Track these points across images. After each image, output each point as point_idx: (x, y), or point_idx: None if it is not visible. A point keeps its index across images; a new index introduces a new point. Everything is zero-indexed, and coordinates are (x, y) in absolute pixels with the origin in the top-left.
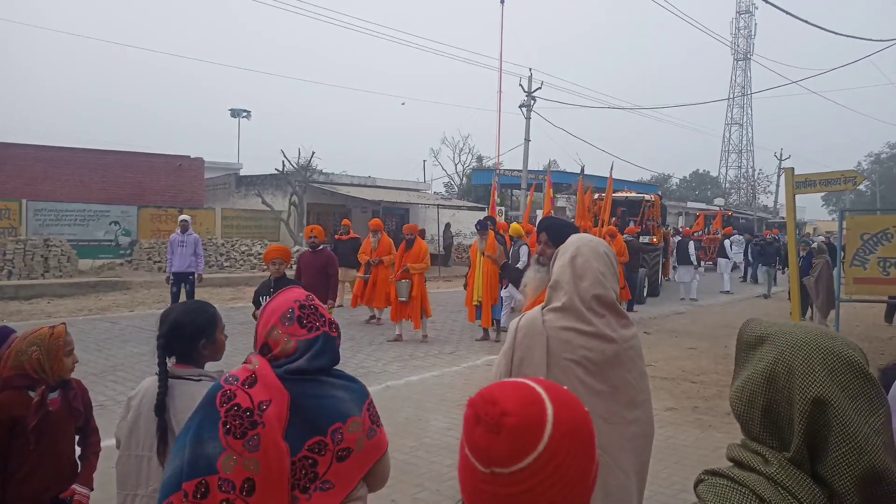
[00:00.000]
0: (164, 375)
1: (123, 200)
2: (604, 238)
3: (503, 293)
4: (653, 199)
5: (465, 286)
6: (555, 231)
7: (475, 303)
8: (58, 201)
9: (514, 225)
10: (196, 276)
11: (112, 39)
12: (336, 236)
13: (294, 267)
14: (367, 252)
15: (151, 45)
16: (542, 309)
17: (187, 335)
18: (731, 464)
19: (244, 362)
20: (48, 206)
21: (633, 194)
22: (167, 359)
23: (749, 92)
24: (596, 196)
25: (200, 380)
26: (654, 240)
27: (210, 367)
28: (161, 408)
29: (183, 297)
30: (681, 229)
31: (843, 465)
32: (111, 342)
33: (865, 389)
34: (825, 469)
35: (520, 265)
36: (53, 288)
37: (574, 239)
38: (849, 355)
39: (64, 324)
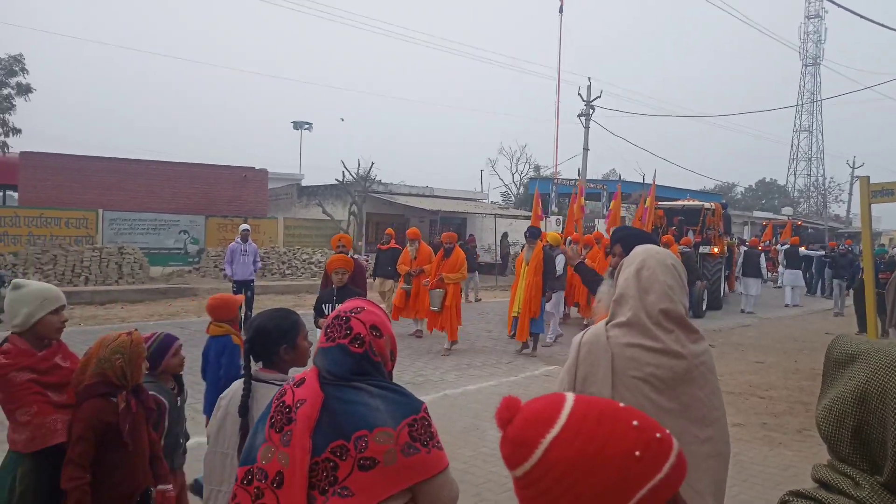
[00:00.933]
0: (248, 378)
1: (191, 210)
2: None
3: (547, 306)
4: (713, 206)
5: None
6: (630, 242)
7: (514, 314)
8: (130, 211)
9: (550, 233)
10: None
11: (182, 56)
12: (379, 245)
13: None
14: (407, 262)
15: (219, 60)
16: (607, 324)
17: (270, 341)
18: (817, 485)
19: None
20: (122, 215)
21: (692, 202)
22: (253, 363)
23: (819, 98)
24: (652, 204)
25: (281, 384)
26: (715, 250)
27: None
28: (244, 409)
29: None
30: (747, 240)
31: None
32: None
33: None
34: None
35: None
36: (127, 294)
37: (640, 250)
38: None
39: (136, 329)
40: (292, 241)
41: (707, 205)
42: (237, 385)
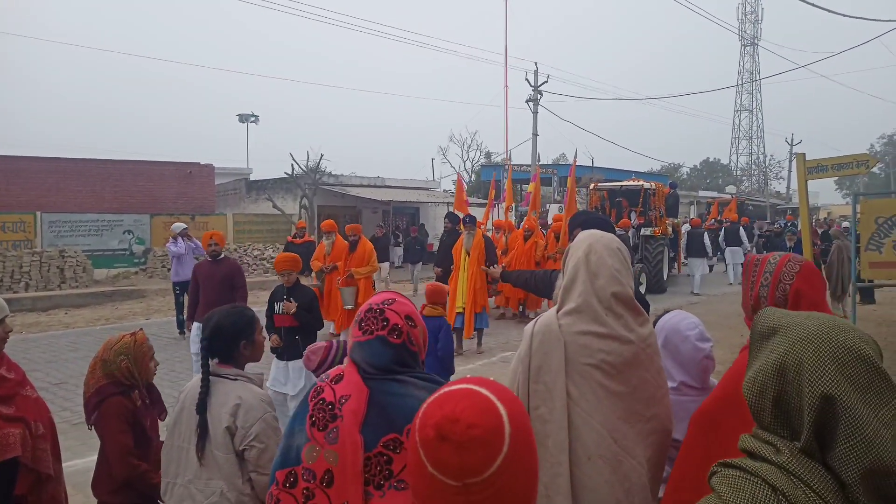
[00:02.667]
0: (206, 375)
1: (136, 209)
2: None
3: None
4: (653, 186)
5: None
6: (590, 228)
7: (459, 310)
8: (71, 212)
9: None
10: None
11: (117, 49)
12: (290, 238)
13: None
14: (321, 258)
15: (156, 53)
16: (557, 312)
17: (228, 337)
18: (745, 455)
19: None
20: (62, 217)
21: (633, 182)
22: (210, 360)
23: (758, 78)
24: (592, 186)
25: (237, 379)
26: (657, 231)
27: (251, 367)
28: (202, 406)
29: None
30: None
31: (851, 457)
32: None
33: (875, 382)
34: (834, 460)
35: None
36: (70, 298)
37: (585, 235)
38: (860, 349)
39: (142, 329)
40: (242, 238)
41: (647, 185)
42: (195, 380)
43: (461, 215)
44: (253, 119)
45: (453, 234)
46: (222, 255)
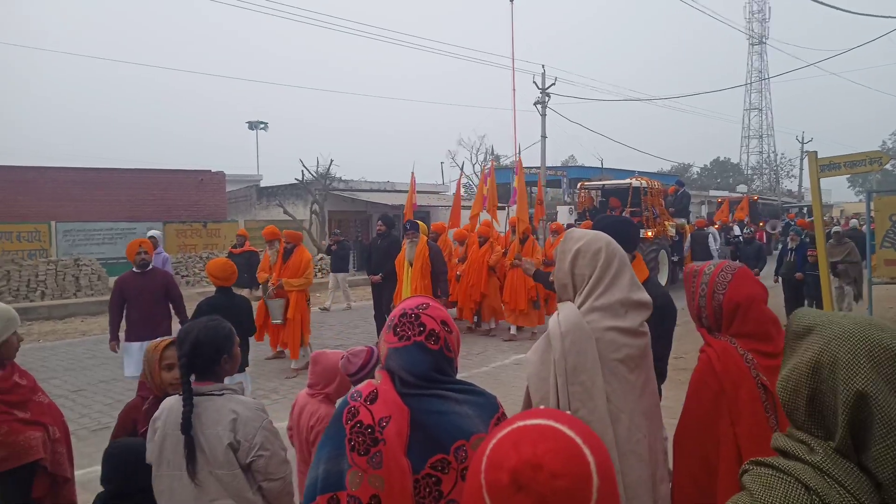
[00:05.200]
0: (188, 394)
1: (149, 217)
2: (527, 240)
3: None
4: (643, 184)
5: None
6: (607, 227)
7: None
8: (85, 221)
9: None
10: None
11: (127, 60)
12: (231, 249)
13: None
14: (266, 269)
15: (166, 63)
16: (580, 308)
17: (211, 352)
18: (777, 454)
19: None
20: (76, 226)
21: (615, 181)
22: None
23: (766, 76)
24: (579, 185)
25: (223, 394)
26: (649, 234)
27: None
28: (187, 426)
29: None
30: (707, 219)
31: (888, 457)
32: None
33: None
34: (869, 460)
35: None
36: (86, 306)
37: (600, 235)
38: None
39: (165, 339)
40: (254, 244)
41: (636, 182)
42: (169, 402)
43: (393, 218)
44: (262, 126)
45: (388, 237)
46: (150, 266)
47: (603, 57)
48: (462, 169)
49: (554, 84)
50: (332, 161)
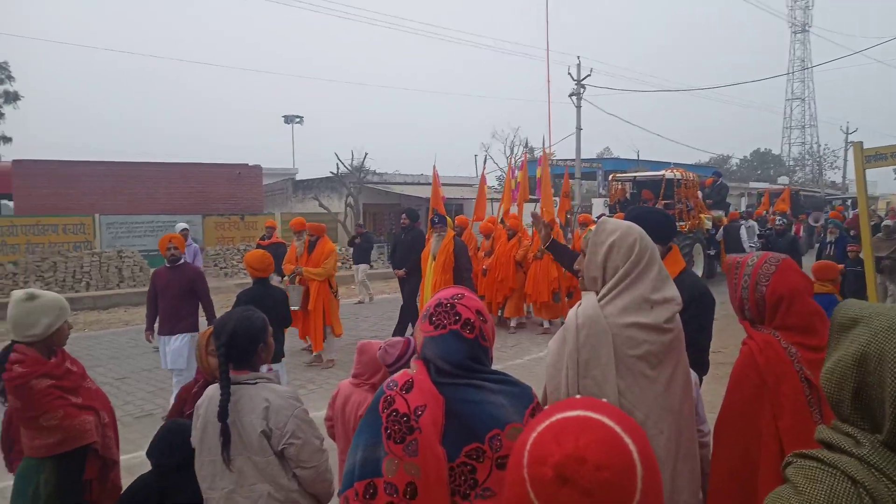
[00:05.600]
0: (226, 383)
1: (188, 210)
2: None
3: None
4: (679, 176)
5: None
6: (642, 219)
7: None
8: (127, 214)
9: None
10: None
11: (167, 56)
12: (259, 241)
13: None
14: (292, 260)
15: (205, 59)
16: (601, 301)
17: (246, 342)
18: (821, 446)
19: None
20: (119, 219)
21: (647, 172)
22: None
23: (809, 65)
24: (610, 177)
25: (257, 382)
26: (683, 227)
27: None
28: (224, 414)
29: None
30: (746, 211)
31: None
32: None
33: None
34: None
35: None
36: (129, 297)
37: (627, 225)
38: None
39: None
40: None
41: (669, 174)
42: (212, 391)
43: (416, 211)
44: (298, 120)
45: (411, 231)
46: (182, 261)
47: (640, 47)
48: (485, 162)
49: (589, 75)
50: (366, 154)
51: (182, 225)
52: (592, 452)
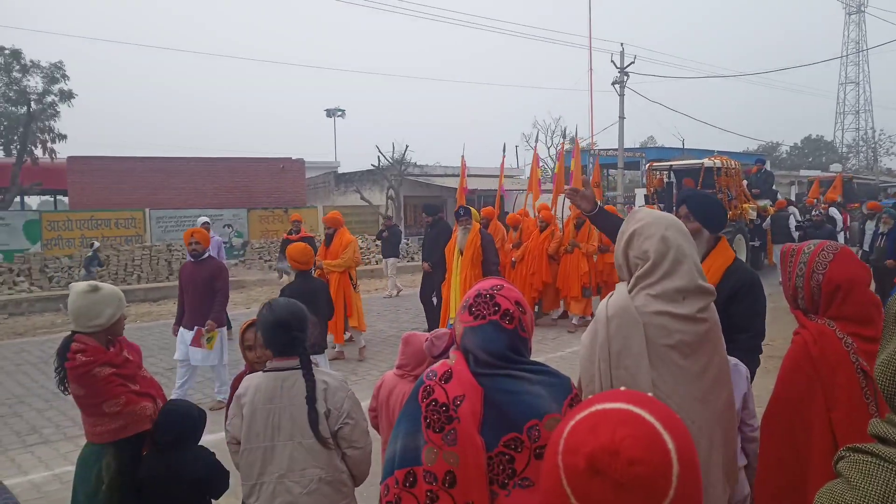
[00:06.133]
0: (309, 368)
1: (233, 204)
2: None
3: None
4: (718, 164)
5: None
6: (696, 203)
7: (452, 321)
8: (176, 208)
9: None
10: None
11: (212, 52)
12: (285, 236)
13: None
14: (322, 255)
15: (247, 54)
16: (630, 292)
17: (288, 331)
18: (875, 440)
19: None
20: (168, 213)
21: (686, 160)
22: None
23: (865, 48)
24: (647, 166)
25: (298, 369)
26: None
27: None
28: (312, 399)
29: None
30: (796, 200)
31: None
32: (231, 340)
33: None
34: None
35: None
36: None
37: (659, 216)
38: None
39: (251, 318)
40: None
41: (709, 162)
42: (254, 381)
43: (437, 206)
44: (340, 113)
45: (437, 225)
46: (206, 255)
47: (684, 33)
48: (504, 152)
49: (633, 63)
50: (406, 147)
51: (203, 219)
52: (627, 446)
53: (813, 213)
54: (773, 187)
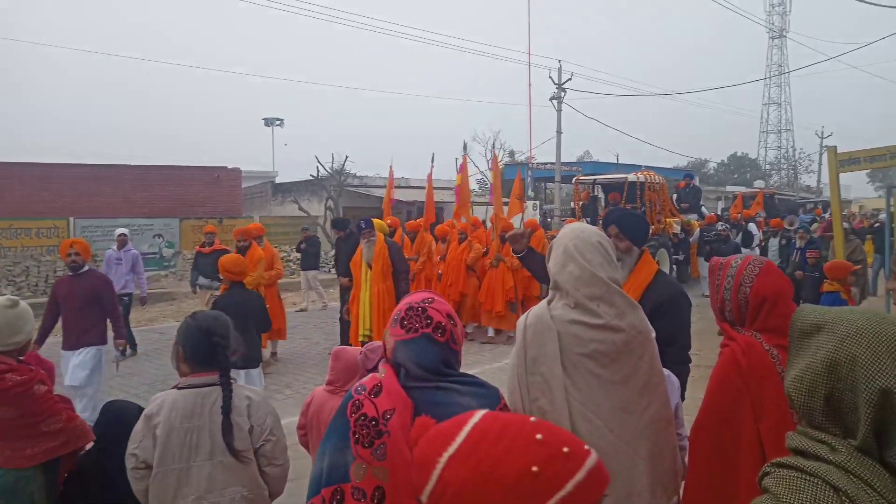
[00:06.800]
0: (228, 382)
1: (165, 213)
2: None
3: None
4: (641, 179)
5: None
6: (626, 223)
7: (362, 338)
8: (104, 217)
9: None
10: (134, 297)
11: (144, 57)
12: (198, 248)
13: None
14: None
15: (183, 60)
16: (549, 304)
17: (208, 345)
18: (794, 454)
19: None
20: (94, 222)
21: (611, 175)
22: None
23: (786, 70)
24: (574, 179)
25: (234, 381)
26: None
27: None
28: (227, 409)
29: None
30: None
31: None
32: (161, 352)
33: None
34: (893, 457)
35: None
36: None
37: (567, 230)
38: None
39: None
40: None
41: (632, 177)
42: (170, 398)
43: (350, 221)
44: (278, 123)
45: (349, 239)
46: (86, 268)
47: (619, 52)
48: (432, 162)
49: (570, 79)
50: (346, 157)
51: (121, 230)
52: (439, 424)
53: (719, 226)
54: (701, 202)
